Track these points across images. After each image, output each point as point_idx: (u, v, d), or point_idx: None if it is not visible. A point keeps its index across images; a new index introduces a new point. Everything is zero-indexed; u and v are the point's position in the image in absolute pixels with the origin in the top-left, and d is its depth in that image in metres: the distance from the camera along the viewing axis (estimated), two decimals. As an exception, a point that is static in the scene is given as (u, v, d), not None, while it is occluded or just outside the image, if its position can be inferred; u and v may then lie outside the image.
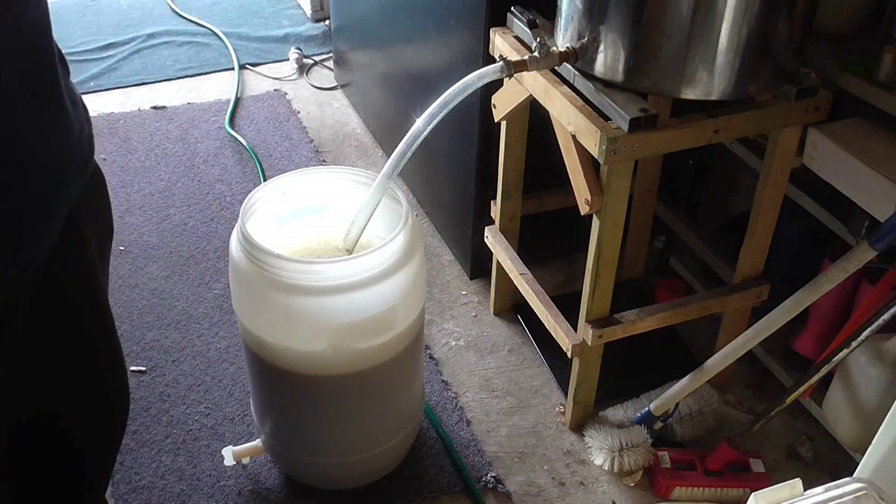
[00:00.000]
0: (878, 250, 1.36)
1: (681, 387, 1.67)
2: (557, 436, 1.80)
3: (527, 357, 1.98)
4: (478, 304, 2.12)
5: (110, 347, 1.17)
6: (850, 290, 1.66)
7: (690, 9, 1.30)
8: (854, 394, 1.55)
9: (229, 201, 2.41)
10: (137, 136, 2.69)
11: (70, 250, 1.00)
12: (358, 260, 1.37)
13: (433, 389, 1.87)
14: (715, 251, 1.90)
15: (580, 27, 1.42)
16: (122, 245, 2.24)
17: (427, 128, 1.41)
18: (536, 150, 1.77)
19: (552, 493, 1.68)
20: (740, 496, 1.64)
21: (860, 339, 1.40)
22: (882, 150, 1.47)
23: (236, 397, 1.84)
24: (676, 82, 1.38)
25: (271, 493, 1.66)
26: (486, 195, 1.97)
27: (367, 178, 1.54)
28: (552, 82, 1.52)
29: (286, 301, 1.37)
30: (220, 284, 2.12)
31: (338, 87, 2.98)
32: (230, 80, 2.99)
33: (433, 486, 1.67)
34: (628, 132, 1.37)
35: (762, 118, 1.47)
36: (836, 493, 1.07)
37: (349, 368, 1.45)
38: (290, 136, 2.70)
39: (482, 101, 1.83)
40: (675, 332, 1.98)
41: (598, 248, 1.53)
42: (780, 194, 1.62)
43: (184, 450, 1.73)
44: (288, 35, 3.26)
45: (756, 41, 1.34)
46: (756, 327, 1.56)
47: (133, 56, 3.12)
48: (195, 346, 1.96)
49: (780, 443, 1.78)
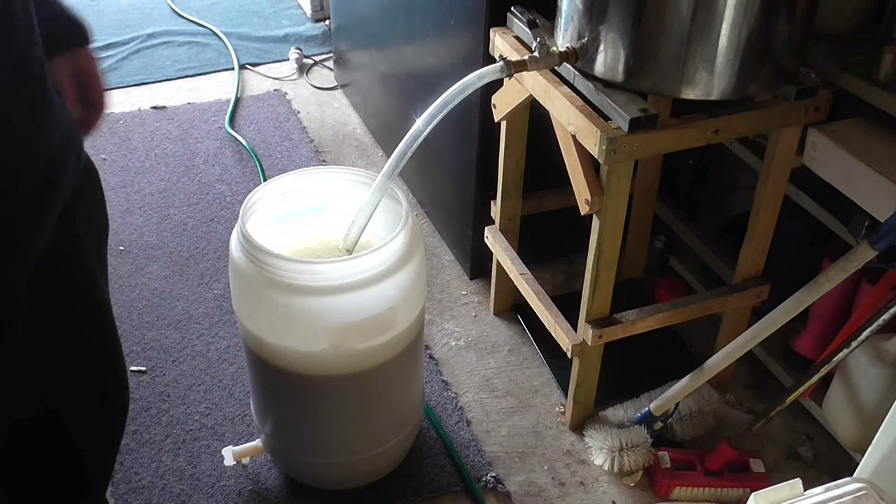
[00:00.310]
0: (878, 250, 1.36)
1: (681, 387, 1.67)
2: (557, 436, 1.79)
3: (527, 357, 1.98)
4: (478, 304, 2.12)
5: (109, 346, 1.16)
6: (850, 290, 1.66)
7: (690, 9, 1.30)
8: (854, 394, 1.55)
9: (229, 201, 2.41)
10: (137, 136, 2.68)
11: (64, 248, 1.00)
12: (358, 260, 1.37)
13: (433, 389, 1.87)
14: (715, 251, 1.90)
15: (580, 27, 1.42)
16: (122, 245, 2.24)
17: (427, 128, 1.41)
18: (536, 150, 1.77)
19: (552, 493, 1.68)
20: (740, 496, 1.64)
21: (860, 339, 1.40)
22: (882, 150, 1.47)
23: (236, 397, 1.84)
24: (676, 82, 1.38)
25: (271, 493, 1.66)
26: (486, 195, 1.97)
27: (367, 178, 1.54)
28: (552, 82, 1.52)
29: (286, 301, 1.37)
30: (220, 284, 2.12)
31: (338, 87, 2.98)
32: (230, 80, 2.99)
33: (433, 486, 1.67)
34: (628, 132, 1.37)
35: (762, 118, 1.47)
36: (836, 493, 1.07)
37: (349, 368, 1.45)
38: (290, 136, 2.70)
39: (482, 101, 1.83)
40: (675, 332, 1.98)
41: (598, 248, 1.53)
42: (780, 194, 1.62)
43: (184, 450, 1.73)
44: (288, 35, 3.26)
45: (756, 41, 1.34)
46: (756, 327, 1.56)
47: (133, 56, 3.12)
48: (195, 346, 1.96)
49: (780, 443, 1.79)
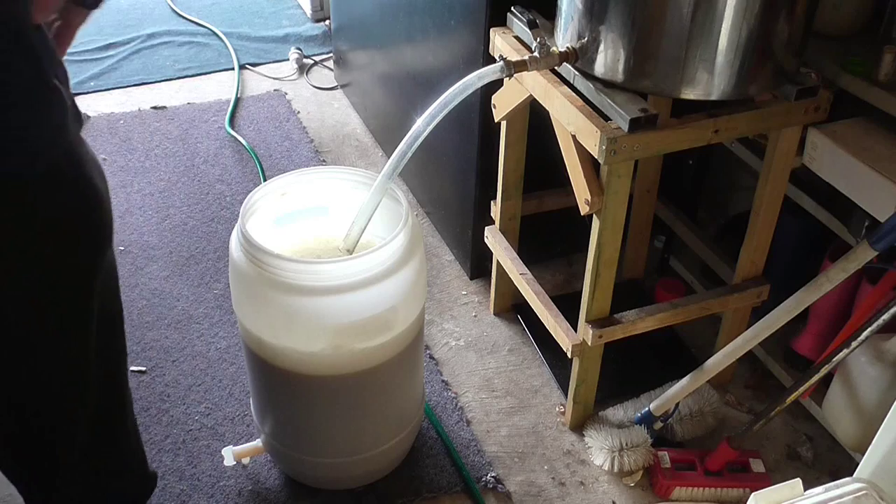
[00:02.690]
0: (878, 250, 1.36)
1: (681, 387, 1.67)
2: (557, 436, 1.79)
3: (527, 357, 1.97)
4: (478, 304, 2.11)
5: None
6: (850, 290, 1.66)
7: (690, 9, 1.30)
8: (854, 394, 1.55)
9: (229, 201, 2.41)
10: (137, 136, 2.68)
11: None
12: (358, 260, 1.37)
13: (433, 389, 1.87)
14: (715, 251, 1.90)
15: (580, 27, 1.42)
16: (122, 245, 2.24)
17: (427, 128, 1.42)
18: (536, 150, 1.77)
19: (552, 493, 1.68)
20: (740, 496, 1.64)
21: (860, 339, 1.40)
22: (882, 150, 1.47)
23: (236, 397, 1.84)
24: (676, 82, 1.38)
25: (271, 493, 1.66)
26: (486, 195, 1.97)
27: (367, 179, 1.54)
28: (552, 82, 1.52)
29: (286, 301, 1.37)
30: (220, 284, 2.12)
31: (338, 87, 2.97)
32: (230, 80, 2.99)
33: (433, 486, 1.67)
34: (628, 132, 1.37)
35: (762, 118, 1.47)
36: (836, 493, 1.07)
37: (349, 369, 1.45)
38: (290, 136, 2.70)
39: (482, 101, 1.83)
40: (675, 332, 1.98)
41: (598, 248, 1.53)
42: (780, 194, 1.62)
43: (184, 450, 1.73)
44: (288, 35, 3.26)
45: (756, 41, 1.34)
46: (756, 327, 1.56)
47: (133, 56, 3.12)
48: (195, 346, 1.96)
49: (780, 443, 1.79)
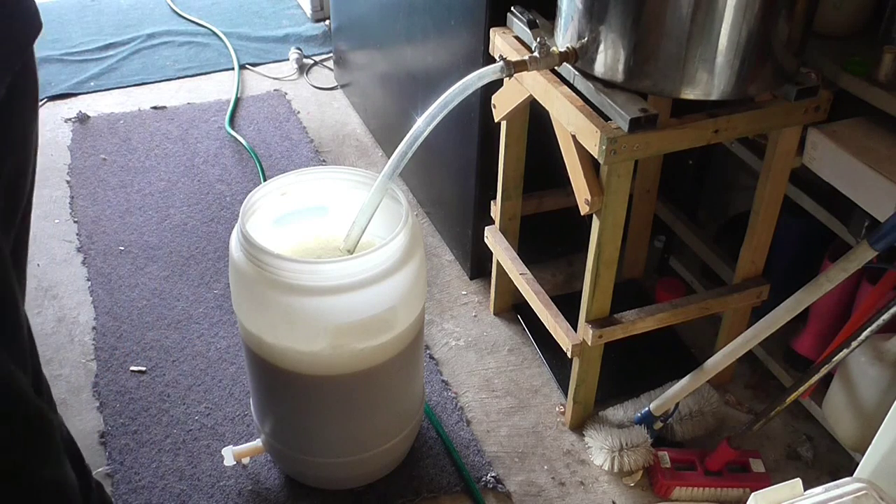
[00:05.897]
0: (878, 250, 1.36)
1: (681, 387, 1.67)
2: (557, 436, 1.79)
3: (527, 357, 1.97)
4: (478, 304, 2.11)
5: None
6: (850, 290, 1.66)
7: (690, 9, 1.30)
8: (854, 394, 1.55)
9: (229, 201, 2.41)
10: (137, 136, 2.68)
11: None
12: (358, 260, 1.37)
13: (433, 389, 1.87)
14: (715, 251, 1.90)
15: (580, 27, 1.42)
16: (122, 245, 2.24)
17: (427, 128, 1.42)
18: (536, 150, 1.77)
19: (552, 493, 1.68)
20: (740, 496, 1.64)
21: (860, 339, 1.40)
22: (882, 150, 1.47)
23: (236, 397, 1.84)
24: (676, 82, 1.38)
25: (271, 493, 1.66)
26: (486, 195, 1.97)
27: (367, 179, 1.54)
28: (552, 82, 1.52)
29: (286, 301, 1.37)
30: (220, 284, 2.13)
31: (338, 87, 2.98)
32: (230, 80, 3.00)
33: (433, 486, 1.67)
34: (628, 132, 1.37)
35: (762, 118, 1.47)
36: (836, 493, 1.07)
37: (349, 368, 1.45)
38: (290, 136, 2.70)
39: (482, 101, 1.83)
40: (675, 332, 1.98)
41: (598, 248, 1.53)
42: (780, 194, 1.62)
43: (184, 450, 1.73)
44: (288, 35, 3.26)
45: (756, 41, 1.34)
46: (756, 327, 1.56)
47: (133, 56, 3.12)
48: (195, 346, 1.96)
49: (780, 443, 1.79)
